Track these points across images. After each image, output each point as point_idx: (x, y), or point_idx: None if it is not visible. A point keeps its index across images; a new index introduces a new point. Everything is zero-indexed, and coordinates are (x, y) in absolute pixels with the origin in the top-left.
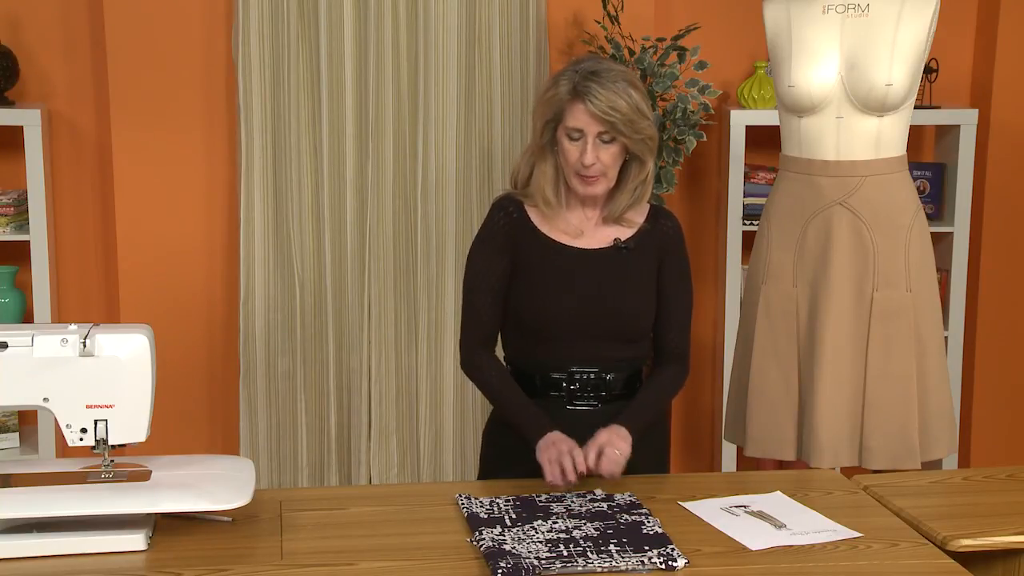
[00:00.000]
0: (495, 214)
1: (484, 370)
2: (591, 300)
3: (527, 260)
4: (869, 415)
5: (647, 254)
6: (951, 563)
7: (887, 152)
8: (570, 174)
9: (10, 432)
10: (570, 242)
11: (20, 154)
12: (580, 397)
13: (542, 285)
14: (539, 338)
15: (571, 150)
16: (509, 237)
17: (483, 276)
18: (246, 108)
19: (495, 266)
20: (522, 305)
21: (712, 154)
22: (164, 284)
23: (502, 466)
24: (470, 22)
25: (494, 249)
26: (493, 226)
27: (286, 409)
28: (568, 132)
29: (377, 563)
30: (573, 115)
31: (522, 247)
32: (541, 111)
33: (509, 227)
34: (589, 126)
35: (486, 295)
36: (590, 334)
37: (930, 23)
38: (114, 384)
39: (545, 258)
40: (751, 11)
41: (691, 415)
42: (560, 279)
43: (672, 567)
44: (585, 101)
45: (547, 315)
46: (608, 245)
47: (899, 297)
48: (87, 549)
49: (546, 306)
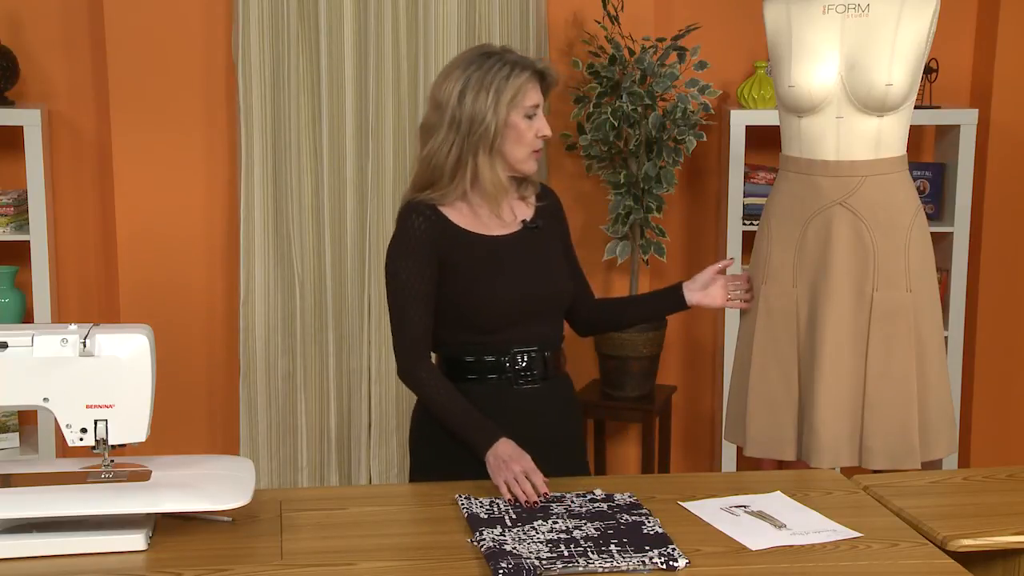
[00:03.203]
0: (411, 220)
1: (425, 383)
2: (524, 282)
3: (454, 258)
4: (869, 415)
5: (552, 228)
6: (951, 563)
7: (887, 152)
8: (525, 155)
9: (10, 432)
10: (488, 232)
11: (20, 154)
12: (524, 377)
13: (476, 278)
14: (480, 328)
15: (528, 129)
16: (431, 240)
17: (412, 285)
18: (246, 108)
19: (423, 273)
20: (460, 301)
21: (712, 154)
22: (164, 284)
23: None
24: (470, 22)
25: (419, 256)
26: (412, 233)
27: (286, 409)
28: (526, 112)
29: (377, 563)
30: (531, 94)
31: (445, 247)
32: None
33: (429, 230)
34: (540, 100)
35: (418, 304)
36: (528, 315)
37: (930, 23)
38: (114, 384)
39: (472, 252)
40: (751, 11)
41: (691, 415)
42: (491, 269)
43: (673, 567)
44: (545, 77)
45: (487, 305)
46: (519, 229)
47: (899, 297)
48: (87, 549)
49: (485, 297)
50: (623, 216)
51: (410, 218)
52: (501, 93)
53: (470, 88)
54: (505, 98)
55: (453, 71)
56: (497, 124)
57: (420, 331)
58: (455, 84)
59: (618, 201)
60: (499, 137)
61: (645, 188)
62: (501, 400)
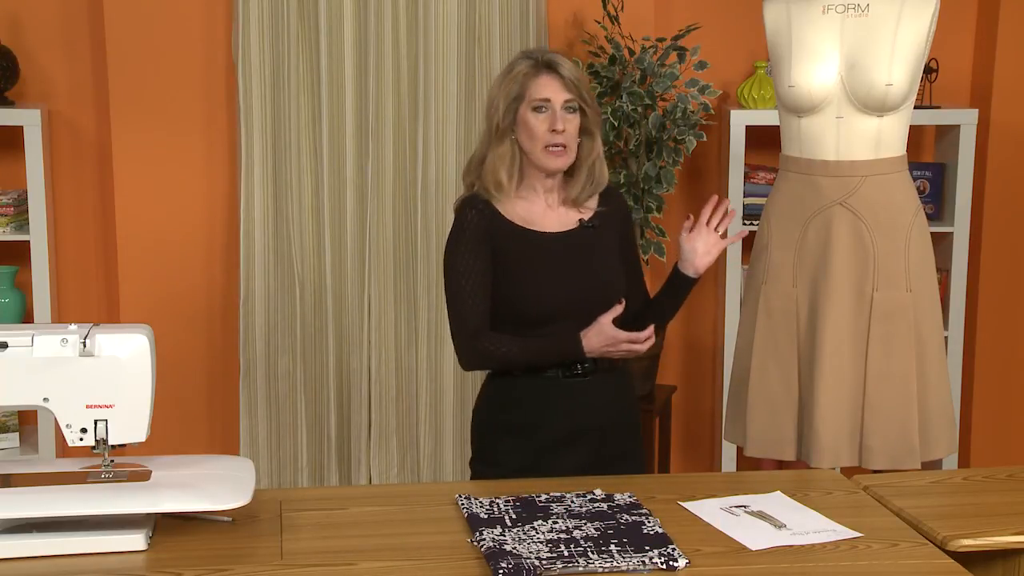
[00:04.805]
0: (465, 213)
1: (491, 352)
2: (571, 279)
3: (506, 251)
4: (869, 415)
5: (609, 230)
6: (951, 563)
7: (887, 152)
8: (537, 151)
9: (10, 432)
10: (541, 228)
11: (20, 154)
12: (574, 371)
13: (523, 272)
14: (530, 323)
15: (539, 123)
16: (485, 232)
17: (469, 276)
18: (246, 108)
19: (479, 263)
20: (511, 294)
21: (712, 154)
22: (164, 284)
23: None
24: (470, 22)
25: (474, 247)
26: (467, 225)
27: (286, 409)
28: (534, 106)
29: (377, 563)
30: (539, 88)
31: (499, 240)
32: (505, 92)
33: (483, 222)
34: (556, 94)
35: (477, 293)
36: (577, 311)
37: (930, 23)
38: (114, 384)
39: (524, 247)
40: (751, 11)
41: (691, 415)
42: (543, 264)
43: (673, 567)
44: (554, 70)
45: (538, 300)
46: (575, 227)
47: (899, 297)
48: (87, 549)
49: (536, 291)
50: None
51: (464, 212)
52: (505, 87)
53: (493, 86)
54: (509, 91)
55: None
56: (500, 117)
57: (479, 321)
58: (491, 91)
59: None
60: (507, 130)
61: (645, 188)
62: (552, 392)
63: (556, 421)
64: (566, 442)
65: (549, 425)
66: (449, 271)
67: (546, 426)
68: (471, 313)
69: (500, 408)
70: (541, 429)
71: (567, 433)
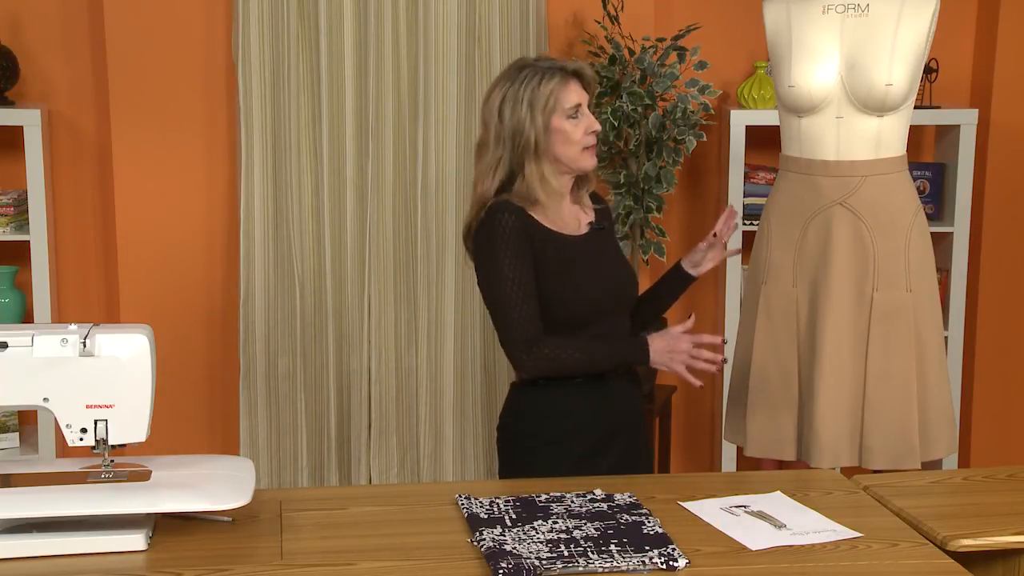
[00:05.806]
0: (502, 217)
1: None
2: (604, 279)
3: (544, 255)
4: (869, 415)
5: (610, 229)
6: (951, 563)
7: (887, 152)
8: (576, 154)
9: (10, 432)
10: (569, 232)
11: (20, 154)
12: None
13: (565, 276)
14: (568, 324)
15: (575, 128)
16: (527, 236)
17: (517, 282)
18: (246, 108)
19: (525, 268)
20: (551, 296)
21: (712, 154)
22: (164, 284)
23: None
24: (470, 22)
25: (518, 251)
26: (506, 228)
27: (286, 409)
28: (567, 113)
29: (377, 563)
30: (569, 95)
31: (536, 244)
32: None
33: (522, 228)
34: (583, 98)
35: (528, 299)
36: (610, 311)
37: (930, 23)
38: (114, 384)
39: (559, 250)
40: (751, 11)
41: (691, 415)
42: (577, 266)
43: (673, 567)
44: (580, 75)
45: (579, 302)
46: (588, 230)
47: (899, 297)
48: (87, 549)
49: (574, 294)
50: (623, 216)
51: (501, 216)
52: (535, 102)
53: (507, 103)
54: (539, 105)
55: (494, 89)
56: (537, 132)
57: (535, 328)
58: (495, 102)
59: (618, 201)
60: (543, 144)
61: (645, 188)
62: (585, 399)
63: (591, 427)
64: (601, 447)
65: (585, 432)
66: (496, 278)
67: (582, 433)
68: (527, 320)
69: (535, 419)
70: (577, 436)
71: (600, 438)
